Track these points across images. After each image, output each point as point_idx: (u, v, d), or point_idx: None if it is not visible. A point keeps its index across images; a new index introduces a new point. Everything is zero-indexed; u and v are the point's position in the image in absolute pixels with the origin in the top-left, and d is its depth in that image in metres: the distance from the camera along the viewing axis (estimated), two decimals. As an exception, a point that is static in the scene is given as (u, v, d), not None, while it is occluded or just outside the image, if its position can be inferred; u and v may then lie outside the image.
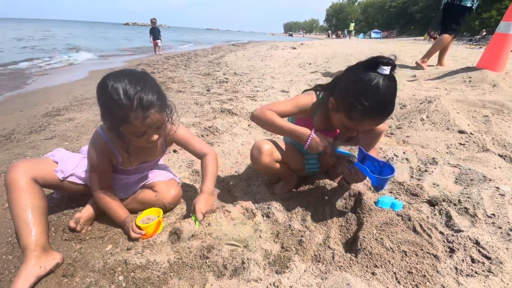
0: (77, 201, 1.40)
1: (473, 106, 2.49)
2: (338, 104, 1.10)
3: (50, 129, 2.51)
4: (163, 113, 1.06)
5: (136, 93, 0.95)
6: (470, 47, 10.72)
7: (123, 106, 0.94)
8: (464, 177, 1.46)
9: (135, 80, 0.98)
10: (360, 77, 1.01)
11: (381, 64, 0.99)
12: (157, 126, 1.06)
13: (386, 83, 0.99)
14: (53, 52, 9.44)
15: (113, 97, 0.94)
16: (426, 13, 40.91)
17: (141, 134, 1.05)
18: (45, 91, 4.24)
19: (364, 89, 0.99)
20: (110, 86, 0.94)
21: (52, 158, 1.23)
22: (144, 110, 0.97)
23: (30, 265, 0.96)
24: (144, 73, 1.06)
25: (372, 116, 1.05)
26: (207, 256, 1.03)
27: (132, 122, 0.98)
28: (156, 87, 1.05)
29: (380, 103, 1.00)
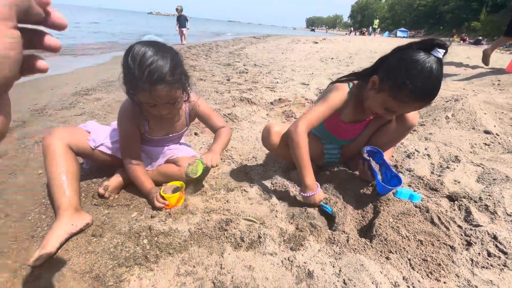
0: (106, 172, 1.48)
1: (501, 109, 2.39)
2: (384, 83, 1.07)
3: (79, 106, 2.64)
4: (174, 91, 1.08)
5: (148, 65, 0.98)
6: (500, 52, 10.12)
7: (134, 75, 0.99)
8: (487, 176, 1.43)
9: (156, 54, 1.01)
10: (414, 57, 0.98)
11: (437, 46, 0.97)
12: (166, 101, 1.09)
13: (438, 67, 0.98)
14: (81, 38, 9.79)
15: (129, 65, 0.99)
16: (457, 13, 38.85)
17: (152, 105, 1.10)
18: (73, 73, 4.43)
19: (417, 70, 0.97)
20: (131, 54, 0.99)
21: (84, 128, 1.31)
22: (151, 84, 1.00)
23: (63, 222, 1.04)
24: (171, 49, 1.10)
25: (419, 99, 1.02)
26: (225, 228, 1.08)
27: (140, 92, 1.04)
28: (176, 64, 1.06)
29: (430, 86, 0.99)
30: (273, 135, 1.31)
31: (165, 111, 1.14)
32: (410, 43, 1.05)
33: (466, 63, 5.27)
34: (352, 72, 1.30)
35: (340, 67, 5.43)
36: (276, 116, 2.66)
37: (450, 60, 5.73)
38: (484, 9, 30.90)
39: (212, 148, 1.31)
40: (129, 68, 0.99)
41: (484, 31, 28.50)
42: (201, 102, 1.36)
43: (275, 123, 1.36)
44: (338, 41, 12.92)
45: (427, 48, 0.99)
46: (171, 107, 1.15)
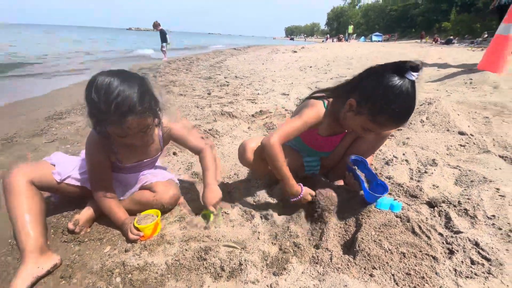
0: (76, 204, 1.40)
1: (474, 108, 2.48)
2: (361, 107, 1.08)
3: (52, 132, 2.53)
4: (145, 119, 1.04)
5: (115, 97, 0.93)
6: (472, 49, 10.71)
7: (100, 109, 0.94)
8: (464, 179, 1.45)
9: (122, 83, 0.96)
10: (390, 82, 0.99)
11: (411, 69, 0.98)
12: (138, 130, 1.05)
13: (412, 89, 1.00)
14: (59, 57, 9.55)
15: (93, 99, 0.94)
16: (427, 16, 40.96)
17: (124, 136, 1.05)
18: (48, 96, 4.28)
19: (395, 96, 0.98)
20: (94, 86, 0.94)
21: (49, 161, 1.24)
22: (121, 116, 0.96)
23: (29, 265, 0.97)
24: (137, 76, 1.05)
25: (397, 121, 1.06)
26: (204, 257, 1.03)
27: (109, 126, 0.99)
28: (145, 92, 1.02)
29: (407, 110, 1.03)
30: (248, 152, 1.29)
31: (137, 141, 1.10)
32: (384, 65, 1.06)
33: (439, 63, 5.51)
34: (327, 88, 1.29)
35: (318, 75, 5.54)
36: (257, 129, 2.64)
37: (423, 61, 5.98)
38: (454, 9, 32.73)
39: (204, 182, 1.32)
40: (94, 102, 0.94)
41: (454, 30, 30.13)
42: (174, 125, 1.32)
43: (251, 139, 1.33)
44: (316, 49, 13.27)
45: (401, 71, 0.99)
46: (144, 135, 1.11)
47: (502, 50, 3.80)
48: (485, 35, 20.26)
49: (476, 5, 29.97)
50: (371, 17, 66.06)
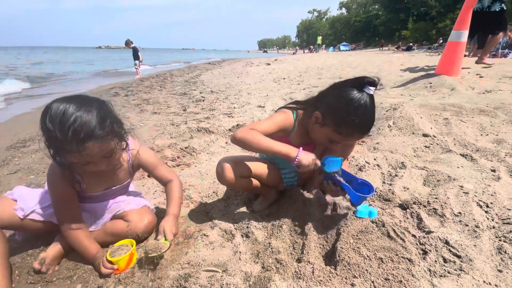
0: (43, 240, 1.30)
1: (435, 110, 2.66)
2: (326, 119, 1.16)
3: (14, 162, 2.36)
4: (107, 143, 0.99)
5: (72, 124, 0.89)
6: (430, 54, 11.59)
7: (56, 138, 0.89)
8: (431, 179, 1.53)
9: (79, 109, 0.92)
10: (350, 96, 1.09)
11: (368, 84, 1.09)
12: (101, 156, 1.01)
13: (371, 102, 1.10)
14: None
15: (48, 127, 0.89)
16: (388, 25, 44.03)
17: (85, 164, 1.01)
18: (9, 122, 4.01)
19: (355, 108, 1.08)
20: (49, 115, 0.90)
21: (10, 196, 1.15)
22: (79, 143, 0.91)
23: (-11, 316, 0.88)
24: (96, 100, 1.02)
25: (360, 132, 1.14)
26: (184, 286, 0.99)
27: (68, 155, 0.95)
28: (105, 115, 0.99)
29: (368, 120, 1.12)
30: (227, 171, 1.28)
31: (102, 166, 1.05)
32: (345, 81, 1.16)
33: (401, 69, 5.89)
34: (296, 101, 1.36)
35: (292, 86, 5.70)
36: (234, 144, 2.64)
37: (387, 68, 6.36)
38: (411, 19, 35.53)
39: (168, 211, 1.25)
40: (49, 131, 0.89)
41: (413, 37, 32.60)
42: (143, 151, 1.28)
43: (228, 158, 1.33)
44: (288, 60, 13.70)
45: (360, 86, 1.10)
46: (109, 160, 1.06)
47: (455, 55, 4.15)
48: (440, 41, 22.10)
49: (430, 14, 32.74)
50: (338, 28, 69.81)
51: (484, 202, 1.29)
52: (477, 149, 1.85)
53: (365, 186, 1.21)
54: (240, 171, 1.33)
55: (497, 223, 1.17)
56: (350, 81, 1.14)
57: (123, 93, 5.80)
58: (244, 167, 1.34)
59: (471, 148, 1.88)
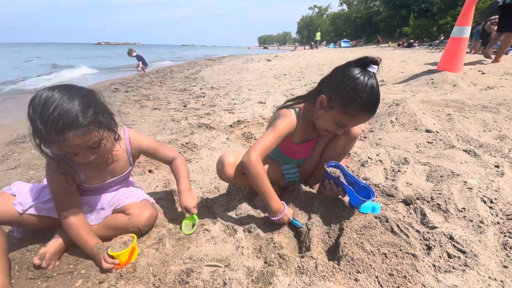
0: (43, 235, 1.29)
1: (437, 106, 2.64)
2: (332, 101, 1.13)
3: (14, 158, 2.34)
4: (91, 134, 0.96)
5: (51, 113, 0.86)
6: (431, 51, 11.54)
7: (38, 128, 0.88)
8: (434, 174, 1.52)
9: (61, 98, 0.89)
10: (356, 74, 1.08)
11: (371, 63, 1.08)
12: (85, 147, 0.98)
13: (376, 80, 1.09)
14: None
15: (32, 118, 0.88)
16: (389, 22, 43.77)
17: (73, 154, 0.98)
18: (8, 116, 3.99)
19: (362, 86, 1.06)
20: (33, 103, 0.88)
21: (9, 191, 1.14)
22: (58, 133, 0.88)
23: (-11, 311, 0.87)
24: (82, 89, 0.99)
25: (367, 111, 1.11)
26: (186, 281, 0.98)
27: (50, 145, 0.93)
28: (88, 104, 0.95)
29: (375, 98, 1.09)
30: (227, 167, 1.27)
31: (90, 158, 1.02)
32: (347, 62, 1.14)
33: (403, 66, 5.85)
34: (298, 96, 1.33)
35: (293, 82, 5.66)
36: (236, 139, 2.62)
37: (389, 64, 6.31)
38: (412, 15, 35.30)
39: (181, 188, 1.32)
40: (32, 120, 0.87)
41: (414, 34, 32.45)
42: (139, 136, 1.29)
43: (228, 153, 1.31)
44: (289, 57, 13.62)
45: (363, 65, 1.09)
46: (97, 151, 1.03)
47: (458, 51, 4.12)
48: (442, 38, 21.98)
49: (431, 11, 32.54)
50: (338, 25, 69.37)
51: (488, 197, 1.28)
52: (480, 145, 1.84)
53: (365, 190, 1.20)
54: (240, 168, 1.31)
55: (502, 219, 1.16)
56: (353, 62, 1.12)
57: (123, 89, 5.76)
58: None
59: (474, 144, 1.87)
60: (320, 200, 1.37)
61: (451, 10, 28.88)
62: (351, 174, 1.26)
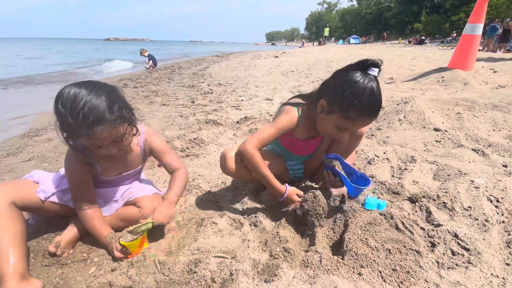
0: (57, 225, 1.35)
1: (447, 104, 2.61)
2: (332, 105, 1.13)
3: (28, 150, 2.42)
4: (117, 128, 1.02)
5: (81, 108, 0.91)
6: (443, 48, 11.30)
7: (68, 122, 0.92)
8: (441, 173, 1.52)
9: (89, 94, 0.94)
10: (355, 78, 1.07)
11: (372, 66, 1.07)
12: (111, 141, 1.04)
13: (376, 83, 1.07)
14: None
15: (60, 111, 0.92)
16: (400, 18, 42.88)
17: (97, 147, 1.04)
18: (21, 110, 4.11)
19: (361, 90, 1.05)
20: (61, 99, 0.93)
21: (31, 179, 1.19)
22: (89, 127, 0.94)
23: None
24: (106, 85, 1.04)
25: (367, 114, 1.10)
26: (194, 270, 1.02)
27: (79, 139, 0.98)
28: (114, 100, 1.01)
29: (375, 102, 1.08)
30: (229, 161, 1.30)
31: (113, 150, 1.08)
32: (348, 65, 1.13)
33: (413, 63, 5.76)
34: (298, 95, 1.35)
35: (300, 79, 5.64)
36: (243, 135, 2.65)
37: (398, 62, 6.24)
38: (424, 11, 34.44)
39: (165, 197, 1.22)
40: (62, 115, 0.92)
41: (426, 31, 31.72)
42: (154, 136, 1.31)
43: (231, 149, 1.34)
44: (296, 53, 13.53)
45: (363, 68, 1.08)
46: (119, 145, 1.09)
47: (470, 49, 4.04)
48: (454, 35, 21.45)
49: (444, 7, 31.73)
50: (348, 21, 68.29)
51: (494, 197, 1.28)
52: (489, 144, 1.82)
53: (363, 179, 1.24)
54: (242, 161, 1.34)
55: (507, 218, 1.16)
56: (353, 65, 1.11)
57: (132, 85, 5.85)
58: None
59: (483, 143, 1.85)
60: (324, 196, 1.39)
61: (464, 6, 28.11)
62: (348, 164, 1.28)
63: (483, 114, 2.37)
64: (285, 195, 1.27)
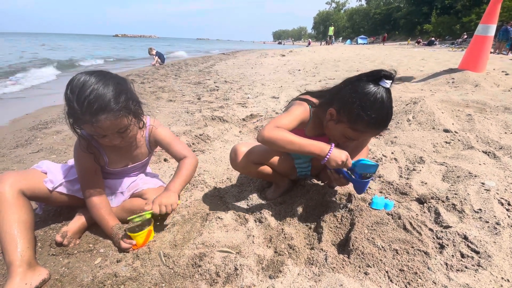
0: (64, 215, 1.36)
1: (457, 106, 2.57)
2: (341, 115, 1.10)
3: (37, 142, 2.46)
4: (120, 119, 1.02)
5: (88, 96, 0.93)
6: (453, 50, 11.11)
7: (74, 108, 0.94)
8: (451, 174, 1.49)
9: (97, 82, 0.95)
10: (365, 90, 1.03)
11: (384, 78, 1.02)
12: (115, 131, 1.04)
13: (388, 96, 1.03)
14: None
15: (68, 97, 0.94)
16: (409, 18, 42.29)
17: (102, 136, 1.05)
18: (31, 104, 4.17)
19: (370, 102, 1.01)
20: (71, 85, 0.94)
21: (39, 169, 1.20)
22: (92, 115, 0.95)
23: (16, 282, 0.93)
24: (116, 76, 1.05)
25: (375, 127, 1.07)
26: (199, 264, 1.02)
27: (83, 125, 0.99)
28: (121, 91, 1.01)
29: (384, 115, 1.04)
30: (240, 156, 1.29)
31: (116, 141, 1.08)
32: (360, 75, 1.09)
33: (422, 64, 5.68)
34: (308, 92, 1.33)
35: (307, 78, 5.61)
36: (248, 132, 2.64)
37: (407, 62, 6.15)
38: (434, 12, 33.87)
39: (168, 187, 1.18)
40: (69, 101, 0.94)
41: (436, 32, 31.23)
42: (160, 127, 1.30)
43: (242, 144, 1.33)
44: (303, 52, 13.45)
45: (375, 80, 1.03)
46: (123, 135, 1.09)
47: (481, 50, 3.96)
48: (465, 36, 21.08)
49: (455, 8, 31.18)
50: (356, 21, 67.64)
51: (506, 200, 1.25)
52: (500, 147, 1.78)
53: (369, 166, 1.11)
54: (253, 158, 1.33)
55: (520, 222, 1.13)
56: (365, 75, 1.07)
57: (140, 81, 5.88)
58: (257, 154, 1.34)
59: (494, 145, 1.81)
60: (331, 194, 1.38)
61: (475, 7, 27.57)
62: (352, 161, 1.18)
63: (494, 116, 2.32)
64: (329, 153, 1.08)
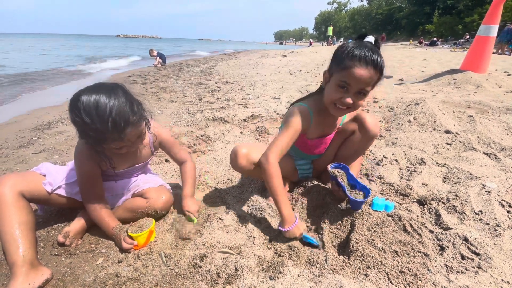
0: (67, 216, 1.37)
1: (458, 107, 2.56)
2: (331, 69, 1.17)
3: (39, 143, 2.47)
4: (140, 126, 1.08)
5: (109, 115, 0.94)
6: (455, 50, 11.07)
7: (97, 130, 0.95)
8: (452, 176, 1.49)
9: (109, 99, 0.96)
10: (349, 42, 1.14)
11: (367, 35, 1.15)
12: (136, 138, 1.09)
13: (370, 45, 1.10)
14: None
15: (85, 121, 0.93)
16: (411, 18, 42.16)
17: (121, 147, 1.08)
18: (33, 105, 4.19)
19: (355, 43, 1.12)
20: (82, 108, 0.93)
21: (38, 171, 1.21)
22: (120, 131, 0.98)
23: (18, 281, 0.94)
24: (116, 86, 1.05)
25: (364, 59, 1.06)
26: (200, 265, 1.02)
27: (110, 143, 1.02)
28: (131, 100, 1.05)
29: (369, 50, 1.08)
30: (240, 157, 1.30)
31: (134, 147, 1.13)
32: None
33: (424, 65, 5.67)
34: (309, 94, 1.35)
35: (308, 78, 5.61)
36: (249, 133, 2.65)
37: (408, 63, 6.14)
38: (436, 12, 33.75)
39: (185, 193, 1.38)
40: (87, 124, 0.94)
41: (438, 32, 31.12)
42: (163, 130, 1.36)
43: (242, 145, 1.34)
44: (305, 53, 13.44)
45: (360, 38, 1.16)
46: (139, 141, 1.14)
47: (483, 51, 3.95)
48: (467, 36, 20.98)
49: (457, 8, 31.06)
50: (357, 21, 67.52)
51: (506, 201, 1.25)
52: (502, 148, 1.77)
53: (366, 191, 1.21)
54: (253, 158, 1.33)
55: (520, 224, 1.13)
56: None
57: (141, 81, 5.91)
58: (258, 155, 1.35)
59: (496, 147, 1.81)
60: (332, 196, 1.38)
61: (478, 8, 27.45)
62: (353, 176, 1.27)
63: (496, 117, 2.31)
64: (293, 225, 1.13)
